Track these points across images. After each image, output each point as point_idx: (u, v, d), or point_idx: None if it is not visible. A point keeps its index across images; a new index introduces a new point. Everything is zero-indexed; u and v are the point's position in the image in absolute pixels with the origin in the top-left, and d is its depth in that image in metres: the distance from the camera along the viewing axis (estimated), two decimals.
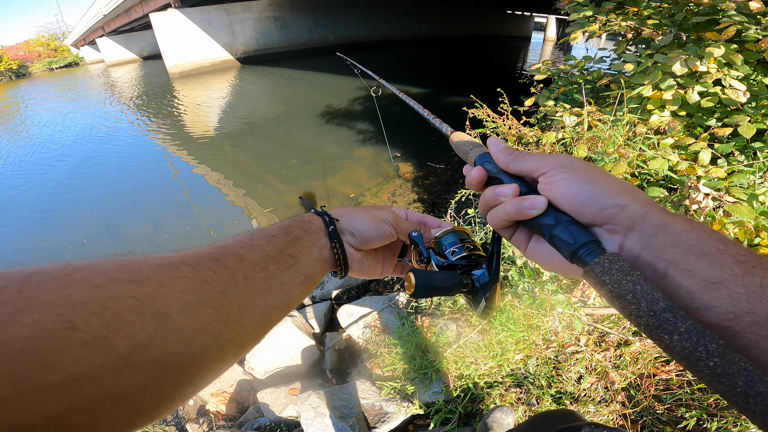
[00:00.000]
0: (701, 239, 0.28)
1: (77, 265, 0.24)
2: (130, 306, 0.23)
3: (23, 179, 6.09)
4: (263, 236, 0.40)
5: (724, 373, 0.22)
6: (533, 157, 0.37)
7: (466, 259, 0.45)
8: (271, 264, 0.37)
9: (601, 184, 0.33)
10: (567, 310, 1.54)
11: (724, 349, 0.23)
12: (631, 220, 0.31)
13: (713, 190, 1.24)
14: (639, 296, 0.26)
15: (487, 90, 2.56)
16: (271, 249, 0.38)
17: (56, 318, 0.20)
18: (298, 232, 0.43)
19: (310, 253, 0.43)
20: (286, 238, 0.41)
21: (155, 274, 0.27)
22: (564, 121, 1.64)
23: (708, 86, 1.39)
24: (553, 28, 32.82)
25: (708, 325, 0.26)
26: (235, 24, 16.48)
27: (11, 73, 29.35)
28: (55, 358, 0.19)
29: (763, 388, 0.21)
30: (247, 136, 7.10)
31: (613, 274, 0.28)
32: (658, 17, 1.58)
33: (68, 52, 35.59)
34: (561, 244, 0.33)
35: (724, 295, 0.26)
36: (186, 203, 4.70)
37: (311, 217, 0.47)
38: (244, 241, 0.37)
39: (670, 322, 0.24)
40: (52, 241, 4.13)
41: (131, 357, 0.22)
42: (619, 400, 1.44)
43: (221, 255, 0.34)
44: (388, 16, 21.28)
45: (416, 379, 1.69)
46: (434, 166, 4.64)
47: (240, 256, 0.35)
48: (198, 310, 0.28)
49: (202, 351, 0.28)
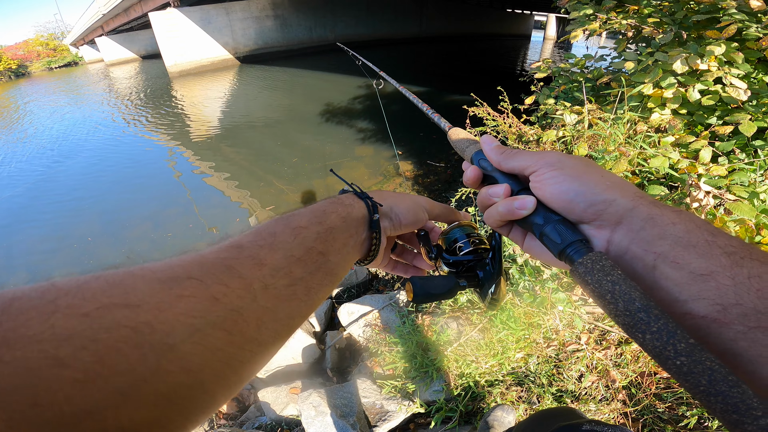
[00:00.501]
0: (689, 231, 0.28)
1: (62, 286, 0.21)
2: (125, 337, 0.20)
3: (23, 180, 6.09)
4: (289, 228, 0.34)
5: (689, 372, 0.23)
6: (524, 155, 0.38)
7: (473, 254, 0.46)
8: (297, 267, 0.32)
9: (589, 180, 0.33)
10: (568, 308, 1.54)
11: (693, 348, 0.24)
12: (619, 214, 0.31)
13: (714, 188, 1.24)
14: (617, 296, 0.27)
15: (487, 88, 2.56)
16: (297, 247, 0.33)
17: (40, 354, 0.18)
18: (335, 220, 0.38)
19: (344, 248, 0.38)
20: (317, 230, 0.35)
21: (153, 295, 0.23)
22: (564, 120, 1.64)
23: (709, 84, 1.38)
24: (553, 26, 32.76)
25: (696, 316, 0.26)
26: (235, 23, 16.45)
27: (10, 73, 29.28)
28: (46, 396, 0.17)
29: (725, 387, 0.22)
30: (247, 134, 7.10)
31: (594, 274, 0.29)
32: (659, 15, 1.57)
33: (67, 51, 35.52)
34: (549, 243, 0.34)
35: (711, 287, 0.26)
36: (187, 202, 4.70)
37: (352, 201, 0.42)
38: (265, 237, 0.32)
39: (644, 322, 0.25)
40: (53, 243, 4.13)
41: (132, 393, 0.20)
42: (620, 399, 1.44)
43: (235, 261, 0.29)
44: (388, 15, 21.24)
45: (417, 378, 1.69)
46: (434, 164, 4.64)
47: (258, 261, 0.30)
48: (207, 335, 0.24)
49: (213, 378, 0.24)
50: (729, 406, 0.22)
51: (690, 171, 1.32)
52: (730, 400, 0.22)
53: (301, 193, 4.54)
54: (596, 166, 0.36)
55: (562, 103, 1.77)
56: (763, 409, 0.21)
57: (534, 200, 0.35)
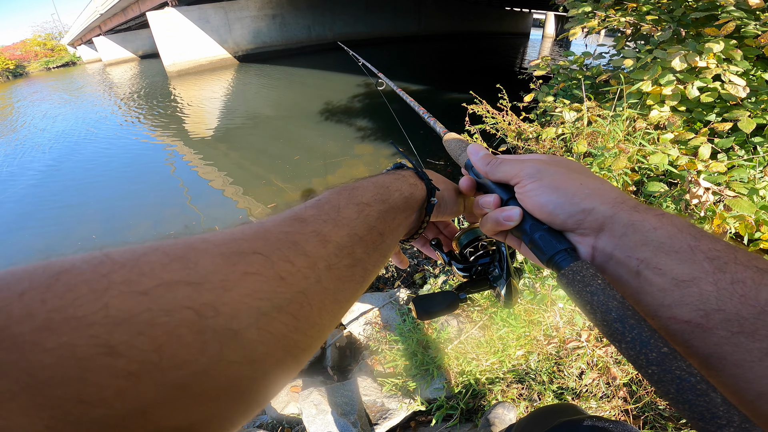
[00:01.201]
0: (671, 236, 0.28)
1: (118, 258, 0.19)
2: (187, 320, 0.18)
3: (21, 179, 6.08)
4: (353, 204, 0.32)
5: (659, 380, 0.24)
6: (508, 165, 0.38)
7: (485, 257, 0.48)
8: (359, 246, 0.30)
9: (568, 190, 0.33)
10: (568, 305, 1.54)
11: (664, 358, 0.24)
12: (600, 222, 0.31)
13: (713, 185, 1.24)
14: (595, 306, 0.28)
15: (486, 86, 2.56)
16: (360, 226, 0.31)
17: (91, 340, 0.15)
18: (398, 199, 0.36)
19: (399, 229, 0.37)
20: (380, 209, 0.34)
21: (218, 272, 0.21)
22: (564, 117, 1.64)
23: (707, 81, 1.39)
24: (552, 24, 32.73)
25: (680, 321, 0.26)
26: (233, 22, 16.41)
27: (8, 73, 29.22)
28: (94, 391, 0.15)
29: (691, 396, 0.23)
30: (245, 133, 7.09)
31: (575, 285, 0.29)
32: (657, 13, 1.57)
33: (65, 51, 35.42)
34: (536, 252, 0.34)
35: (694, 292, 0.26)
36: (186, 201, 4.70)
37: (415, 181, 0.41)
38: (329, 212, 0.30)
39: (619, 332, 0.26)
40: (56, 241, 4.13)
41: (189, 388, 0.18)
42: (620, 396, 1.44)
43: (300, 236, 0.27)
44: (387, 14, 21.21)
45: (417, 376, 1.69)
46: (434, 162, 4.64)
47: (323, 237, 0.28)
48: (273, 319, 0.22)
49: (275, 369, 0.22)
50: (695, 414, 0.23)
51: (689, 168, 1.32)
52: (696, 408, 0.22)
53: (300, 191, 4.54)
54: (578, 172, 0.36)
55: (562, 101, 1.77)
56: (728, 417, 0.22)
57: (519, 211, 0.36)
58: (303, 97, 10.08)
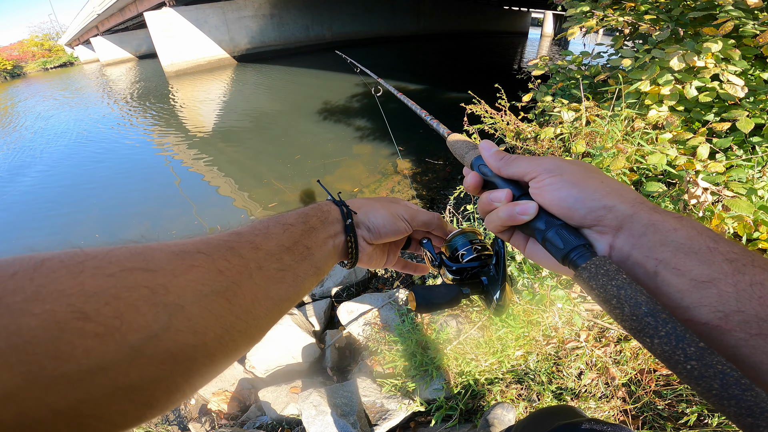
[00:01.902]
0: (691, 237, 0.28)
1: (90, 252, 0.23)
2: (144, 296, 0.23)
3: (18, 179, 6.06)
4: (279, 224, 0.39)
5: (700, 376, 0.23)
6: (523, 162, 0.38)
7: (477, 261, 0.46)
8: (286, 254, 0.36)
9: (588, 186, 0.33)
10: (567, 305, 1.54)
11: (702, 352, 0.23)
12: (620, 220, 0.31)
13: (712, 185, 1.24)
14: (623, 300, 0.27)
15: (484, 86, 2.55)
16: (286, 239, 0.37)
17: (68, 308, 0.19)
18: (315, 222, 0.42)
19: (325, 246, 0.42)
20: (302, 228, 0.40)
21: (169, 263, 0.26)
22: (562, 117, 1.64)
23: (706, 81, 1.38)
24: (550, 23, 32.74)
25: (698, 323, 0.26)
26: (231, 22, 16.38)
27: (6, 74, 29.13)
28: (67, 349, 0.19)
29: (738, 391, 0.22)
30: (244, 133, 7.08)
31: (599, 278, 0.28)
32: (656, 12, 1.57)
33: (62, 51, 35.31)
34: (552, 248, 0.33)
35: (713, 293, 0.26)
36: (184, 202, 4.69)
37: (329, 207, 0.46)
38: (260, 229, 0.37)
39: (651, 326, 0.25)
40: (49, 244, 4.12)
41: (144, 349, 0.22)
42: (619, 396, 1.44)
43: (236, 243, 0.33)
44: (385, 13, 21.19)
45: (417, 376, 1.69)
46: (432, 162, 4.64)
47: (255, 245, 0.34)
48: (212, 301, 0.27)
49: (215, 343, 0.27)
50: (743, 409, 0.22)
51: (688, 168, 1.32)
52: (743, 403, 0.22)
53: (299, 191, 4.53)
54: (596, 171, 0.36)
55: (560, 101, 1.77)
56: None
57: (536, 205, 0.35)
58: (301, 97, 10.07)
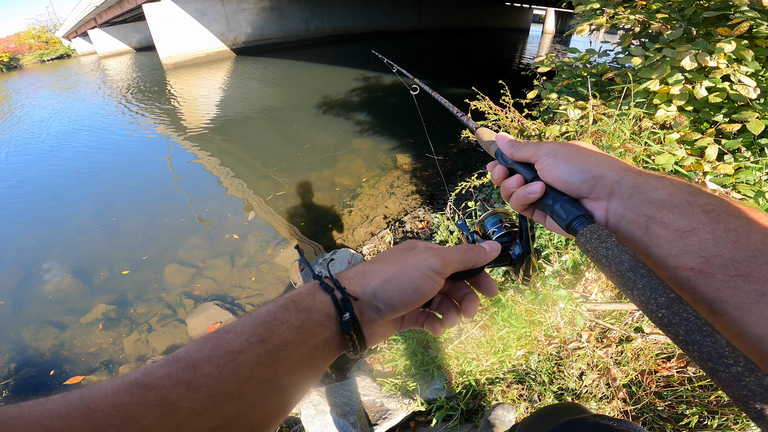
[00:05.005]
0: (671, 194, 0.32)
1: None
2: None
3: (13, 172, 5.99)
4: (218, 355, 0.27)
5: (669, 323, 0.26)
6: (528, 147, 0.44)
7: (506, 236, 0.52)
8: (229, 405, 0.26)
9: (579, 161, 0.38)
10: (569, 305, 1.53)
11: (672, 302, 0.27)
12: (610, 187, 0.35)
13: (720, 186, 1.22)
14: (610, 259, 0.31)
15: (486, 81, 2.52)
16: (227, 381, 0.26)
17: None
18: (285, 333, 0.30)
19: (303, 365, 0.31)
20: (258, 354, 0.28)
21: None
22: (568, 115, 1.62)
23: (716, 81, 1.36)
24: (552, 20, 32.54)
25: (686, 268, 0.29)
26: (231, 14, 16.20)
27: (2, 66, 28.80)
28: None
29: (699, 337, 0.24)
30: (242, 127, 7.02)
31: (593, 242, 0.33)
32: (668, 11, 1.54)
33: (60, 44, 34.90)
34: (558, 219, 0.39)
35: (694, 241, 0.29)
36: (181, 195, 4.65)
37: (312, 299, 0.33)
38: (181, 372, 0.26)
39: (631, 280, 0.29)
40: (44, 239, 4.08)
41: None
42: (620, 397, 1.44)
43: (137, 408, 0.23)
44: (386, 7, 21.01)
45: (417, 376, 1.68)
46: (433, 157, 4.61)
47: (169, 407, 0.24)
48: None
49: None
50: (704, 354, 0.24)
51: (696, 168, 1.30)
52: (704, 348, 0.24)
53: (296, 185, 4.49)
54: (586, 148, 0.41)
55: (566, 98, 1.74)
56: (734, 357, 0.23)
57: (541, 185, 0.40)
58: (301, 91, 9.99)
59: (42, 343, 2.73)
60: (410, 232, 3.22)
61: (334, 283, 0.35)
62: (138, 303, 2.99)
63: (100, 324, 2.83)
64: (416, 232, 3.20)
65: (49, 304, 3.08)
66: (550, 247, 1.59)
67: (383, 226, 3.52)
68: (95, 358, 2.59)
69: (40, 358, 2.62)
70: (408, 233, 3.21)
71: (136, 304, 2.99)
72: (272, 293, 2.98)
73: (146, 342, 2.66)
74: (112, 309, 2.95)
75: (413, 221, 3.39)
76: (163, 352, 2.58)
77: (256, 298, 2.97)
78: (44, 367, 2.56)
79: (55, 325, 2.87)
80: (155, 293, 3.08)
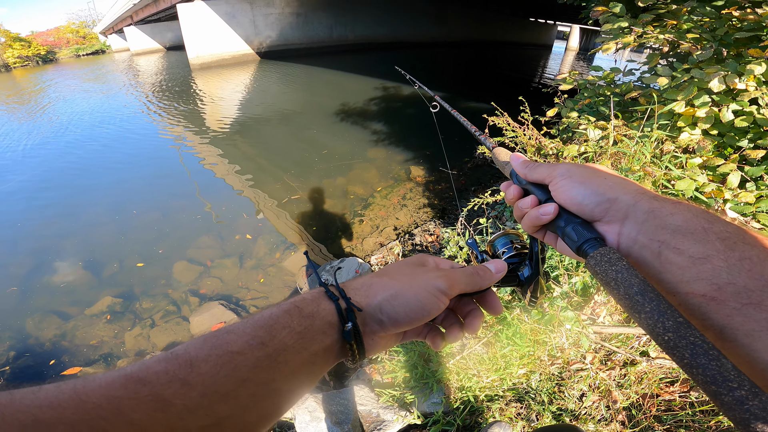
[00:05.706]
0: (687, 220, 0.31)
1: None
2: None
3: (38, 163, 6.20)
4: (217, 355, 0.27)
5: (675, 346, 0.26)
6: (542, 168, 0.43)
7: (516, 257, 0.52)
8: (222, 405, 0.26)
9: (593, 183, 0.37)
10: (575, 327, 1.49)
11: (679, 326, 0.26)
12: (624, 210, 0.35)
13: (740, 215, 1.18)
14: (619, 282, 0.31)
15: (506, 96, 2.51)
16: (223, 381, 0.26)
17: None
18: (286, 338, 0.30)
19: (301, 371, 0.30)
20: (257, 356, 0.28)
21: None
22: (588, 135, 1.58)
23: (744, 105, 1.32)
24: (576, 37, 32.37)
25: (697, 295, 0.29)
26: (258, 18, 16.64)
27: (38, 58, 30.11)
28: None
29: (704, 360, 0.24)
30: (261, 130, 7.14)
31: (602, 265, 0.33)
32: (699, 31, 1.50)
33: (96, 39, 36.35)
34: (569, 241, 0.38)
35: (708, 268, 0.29)
36: (195, 192, 4.73)
37: (316, 306, 0.33)
38: (179, 368, 0.25)
39: (639, 303, 0.29)
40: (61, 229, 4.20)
41: None
42: (619, 420, 1.40)
43: (129, 402, 0.23)
44: (408, 18, 21.24)
45: (416, 388, 1.65)
46: (447, 171, 4.59)
47: (162, 403, 0.24)
48: None
49: None
50: (708, 377, 0.24)
51: (717, 196, 1.26)
52: (708, 372, 0.24)
53: (309, 190, 4.53)
54: (601, 170, 0.40)
55: (586, 117, 1.71)
56: (739, 381, 0.23)
57: (554, 206, 0.40)
58: (320, 97, 10.13)
59: (44, 332, 2.75)
60: (419, 245, 3.19)
61: (340, 292, 0.35)
62: (144, 298, 3.03)
63: (105, 316, 2.86)
64: (426, 246, 3.17)
65: (57, 294, 3.13)
66: (561, 269, 1.55)
67: (393, 237, 3.51)
68: (95, 350, 2.61)
69: (40, 348, 2.65)
70: (417, 246, 3.19)
71: (142, 298, 3.02)
72: (278, 297, 2.98)
73: (147, 337, 2.68)
74: (117, 302, 2.98)
75: (423, 234, 3.37)
76: (162, 349, 2.59)
77: (261, 301, 2.97)
78: (44, 356, 2.58)
79: (59, 315, 2.90)
80: (162, 289, 3.11)
